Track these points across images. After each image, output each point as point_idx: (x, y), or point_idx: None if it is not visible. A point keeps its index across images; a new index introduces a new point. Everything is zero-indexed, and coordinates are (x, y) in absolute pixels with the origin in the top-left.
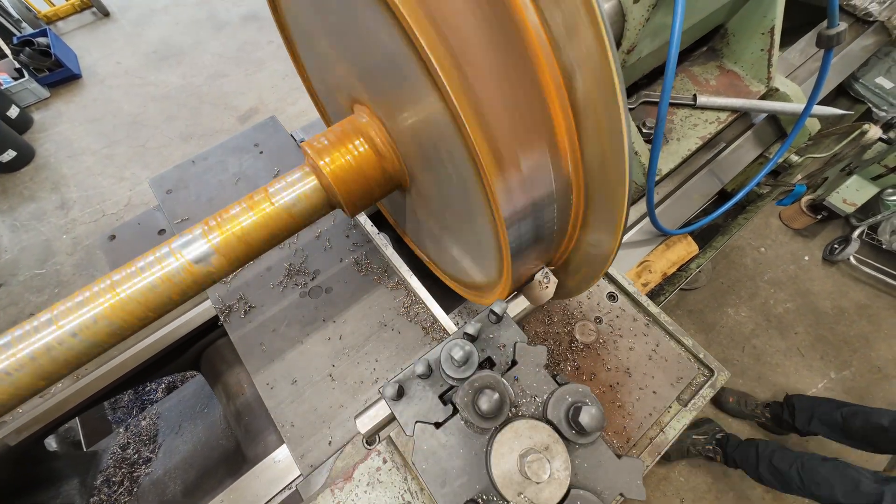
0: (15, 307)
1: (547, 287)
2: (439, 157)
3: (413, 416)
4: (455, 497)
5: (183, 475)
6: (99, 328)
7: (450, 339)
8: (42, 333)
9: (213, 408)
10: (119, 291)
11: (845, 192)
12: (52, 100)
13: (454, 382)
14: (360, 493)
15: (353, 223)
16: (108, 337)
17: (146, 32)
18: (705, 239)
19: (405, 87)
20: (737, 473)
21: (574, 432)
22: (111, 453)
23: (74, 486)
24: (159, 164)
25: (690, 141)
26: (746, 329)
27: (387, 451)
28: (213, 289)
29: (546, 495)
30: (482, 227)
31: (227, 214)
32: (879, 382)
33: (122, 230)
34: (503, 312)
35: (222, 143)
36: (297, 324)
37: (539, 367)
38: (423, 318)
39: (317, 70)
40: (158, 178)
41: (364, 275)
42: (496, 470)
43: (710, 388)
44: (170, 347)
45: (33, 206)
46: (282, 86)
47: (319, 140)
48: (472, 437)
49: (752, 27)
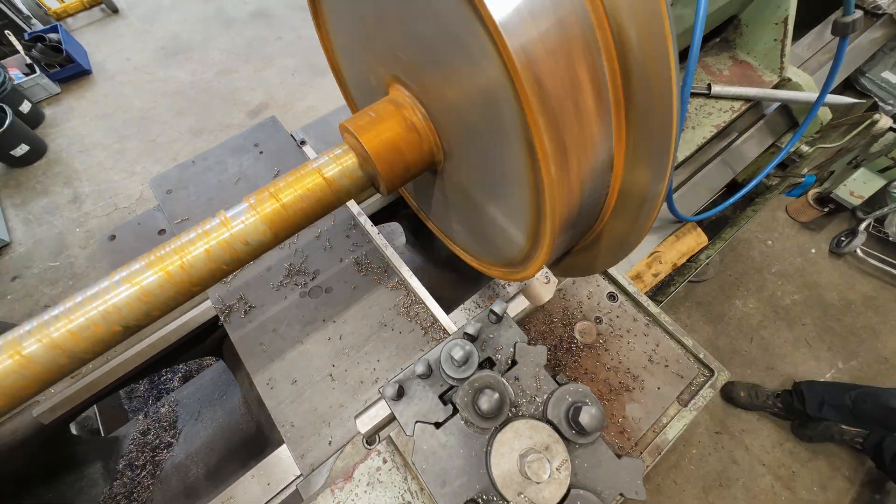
0: (30, 299)
1: (547, 286)
2: (487, 128)
3: (413, 416)
4: (455, 497)
5: (205, 459)
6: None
7: (450, 339)
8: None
9: (232, 395)
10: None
11: (852, 185)
12: (63, 95)
13: (454, 382)
14: (360, 492)
15: (353, 223)
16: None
17: (155, 29)
18: (714, 230)
19: (456, 59)
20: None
21: (574, 432)
22: (132, 439)
23: (98, 469)
24: (170, 158)
25: (705, 129)
26: (754, 320)
27: (387, 451)
28: (213, 289)
29: (546, 495)
30: (520, 198)
31: (274, 188)
32: (887, 373)
33: (122, 230)
34: (503, 312)
35: (222, 143)
36: (297, 324)
37: (539, 367)
38: (423, 318)
39: (350, 51)
40: (158, 178)
41: (364, 275)
42: (496, 470)
43: (710, 388)
44: (196, 331)
45: (46, 199)
46: (291, 81)
47: (361, 117)
48: (472, 437)
49: (765, 18)
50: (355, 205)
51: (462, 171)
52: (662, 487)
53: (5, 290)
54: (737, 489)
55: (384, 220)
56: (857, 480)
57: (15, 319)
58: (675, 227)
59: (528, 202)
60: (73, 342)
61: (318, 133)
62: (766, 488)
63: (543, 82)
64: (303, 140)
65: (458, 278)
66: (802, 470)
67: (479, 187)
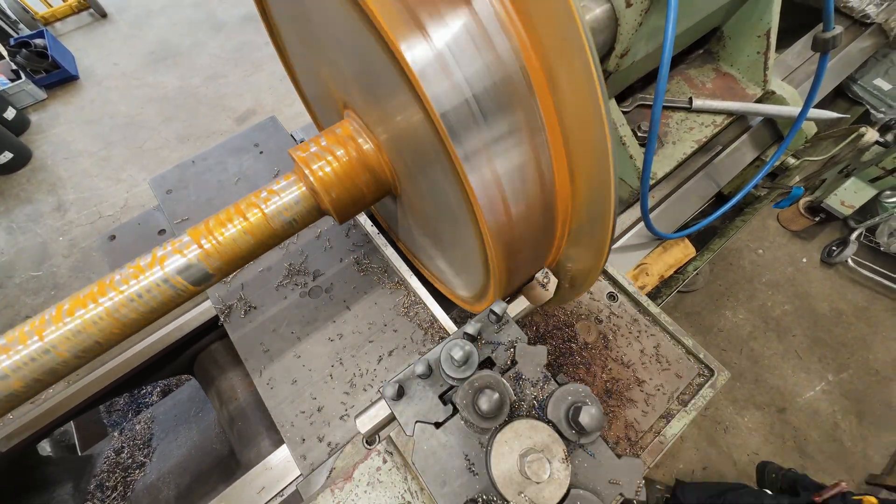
0: (10, 309)
1: (547, 286)
2: (424, 165)
3: (413, 416)
4: (455, 497)
5: (177, 479)
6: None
7: (450, 339)
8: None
9: (208, 412)
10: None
11: (843, 195)
12: (49, 101)
13: (454, 382)
14: (360, 493)
15: (353, 223)
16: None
17: (144, 34)
18: (703, 241)
19: (390, 94)
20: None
21: (574, 432)
22: (105, 457)
23: (68, 490)
24: (156, 165)
25: (686, 144)
26: (744, 331)
27: (387, 451)
28: (213, 289)
29: (546, 495)
30: (467, 240)
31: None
32: (877, 384)
33: (122, 230)
34: (503, 312)
35: (222, 143)
36: (297, 324)
37: (539, 367)
38: (423, 318)
39: (306, 73)
40: (159, 178)
41: (364, 275)
42: (496, 470)
43: (710, 389)
44: (165, 351)
45: (30, 208)
46: (279, 87)
47: (307, 147)
48: (472, 437)
49: (748, 30)
50: None
51: (416, 198)
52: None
53: None
54: None
55: None
56: None
57: None
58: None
59: (473, 233)
60: None
61: (316, 134)
62: None
63: (462, 135)
64: (302, 140)
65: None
66: None
67: (434, 214)
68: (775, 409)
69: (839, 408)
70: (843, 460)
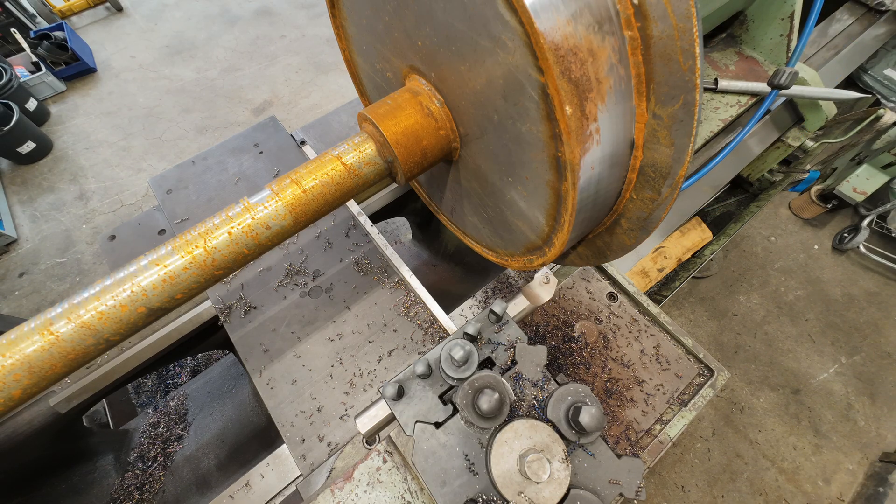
0: (37, 294)
1: (547, 286)
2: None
3: (413, 416)
4: (455, 497)
5: (216, 450)
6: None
7: (450, 339)
8: None
9: (241, 388)
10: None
11: (855, 182)
12: (68, 93)
13: (454, 382)
14: (360, 492)
15: (353, 223)
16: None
17: (159, 27)
18: (718, 226)
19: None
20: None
21: (574, 432)
22: (142, 431)
23: (110, 461)
24: (175, 155)
25: (713, 123)
26: (758, 316)
27: (387, 451)
28: (213, 289)
29: (546, 495)
30: (540, 176)
31: (295, 175)
32: (890, 367)
33: (122, 230)
34: (503, 312)
35: (222, 143)
36: (297, 324)
37: (539, 367)
38: (423, 318)
39: (365, 44)
40: (158, 178)
41: (364, 275)
42: (496, 470)
43: (710, 388)
44: (208, 322)
45: (52, 196)
46: (295, 79)
47: (379, 106)
48: (471, 437)
49: (771, 13)
50: (355, 205)
51: (479, 156)
52: (667, 481)
53: (13, 286)
54: (741, 482)
55: (391, 215)
56: (861, 473)
57: (23, 315)
58: (680, 223)
59: (547, 180)
60: (100, 323)
61: (317, 133)
62: (770, 482)
63: (567, 59)
64: (303, 140)
65: (465, 272)
66: (806, 464)
67: (497, 171)
68: (790, 390)
69: (853, 389)
70: (858, 439)
